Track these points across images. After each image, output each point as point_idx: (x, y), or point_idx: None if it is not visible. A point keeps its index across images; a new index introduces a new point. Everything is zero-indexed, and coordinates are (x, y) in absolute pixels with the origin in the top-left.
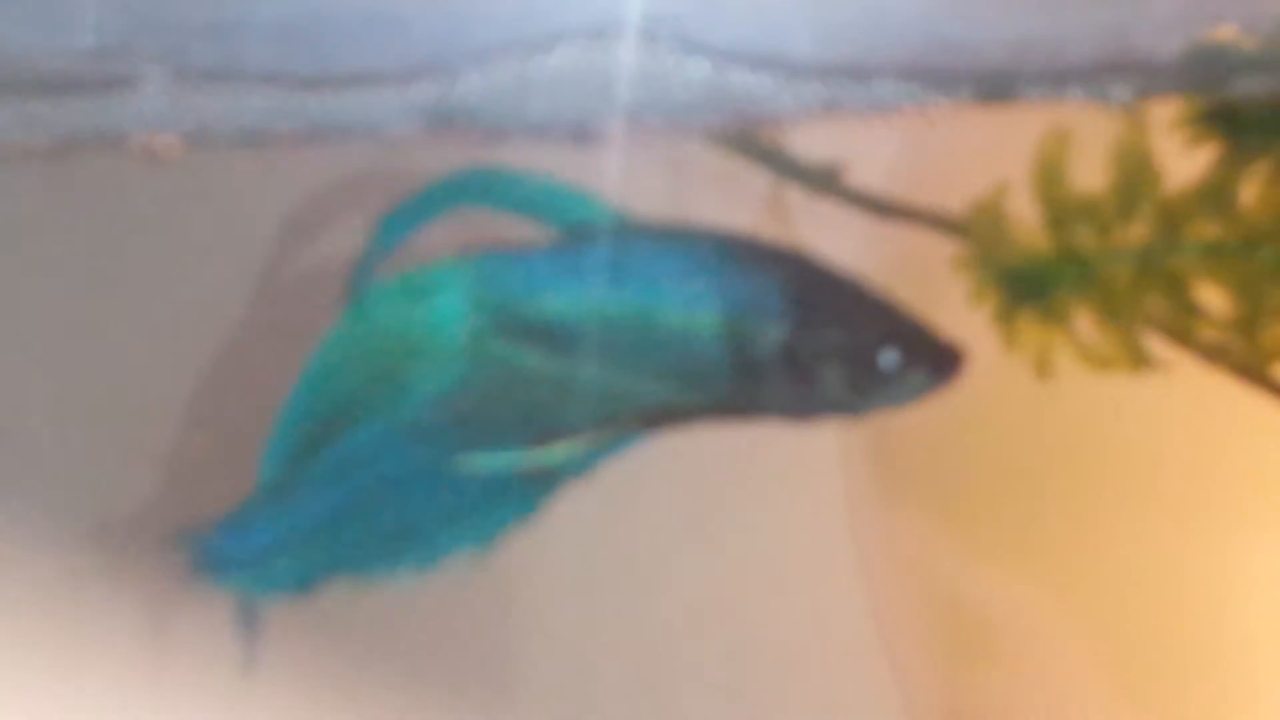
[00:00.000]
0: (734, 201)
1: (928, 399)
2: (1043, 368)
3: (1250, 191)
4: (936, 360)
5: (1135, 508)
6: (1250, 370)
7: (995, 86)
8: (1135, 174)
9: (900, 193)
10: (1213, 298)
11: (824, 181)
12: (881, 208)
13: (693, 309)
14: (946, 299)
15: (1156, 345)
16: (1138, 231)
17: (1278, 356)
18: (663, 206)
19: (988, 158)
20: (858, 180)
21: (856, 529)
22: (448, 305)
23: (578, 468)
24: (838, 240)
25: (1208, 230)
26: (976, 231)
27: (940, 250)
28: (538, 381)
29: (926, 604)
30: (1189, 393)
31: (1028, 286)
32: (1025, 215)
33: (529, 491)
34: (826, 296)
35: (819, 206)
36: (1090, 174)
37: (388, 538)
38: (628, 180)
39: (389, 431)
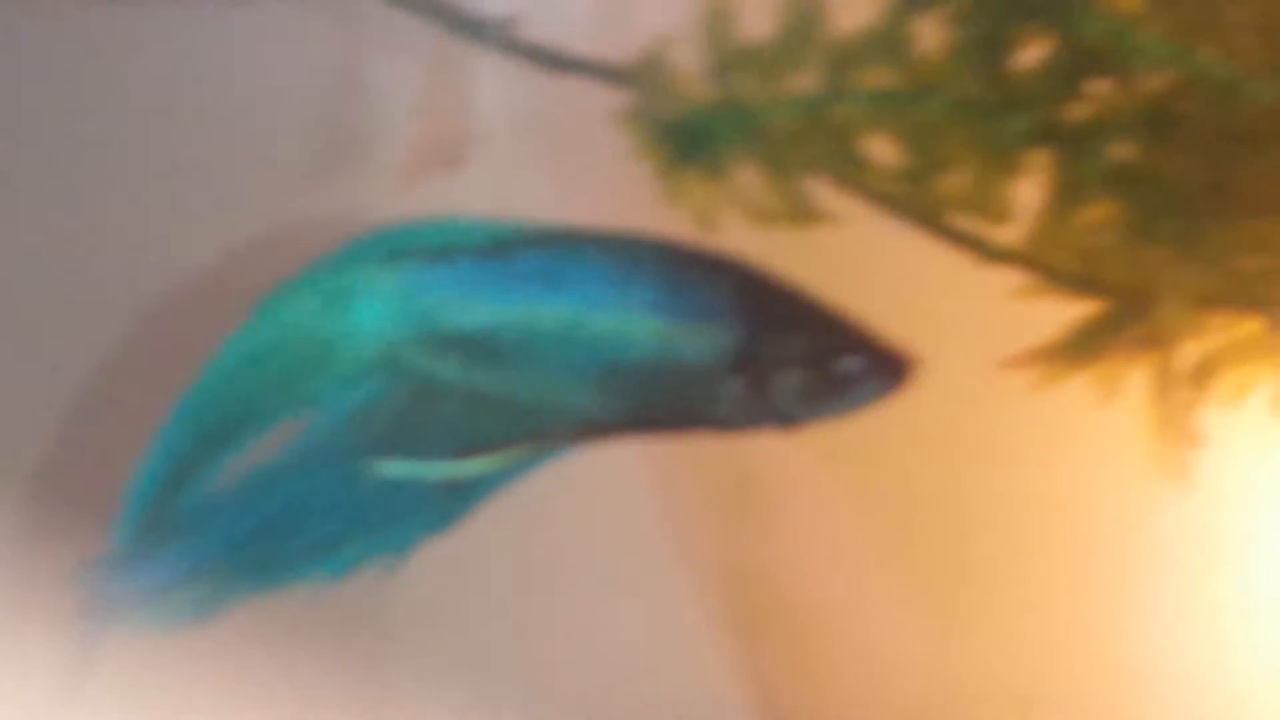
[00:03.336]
0: (404, 57)
1: (871, 407)
2: (705, 223)
3: (923, 40)
4: (890, 367)
5: None
6: (927, 218)
7: None
8: (802, 19)
9: (574, 45)
10: (885, 148)
11: (496, 35)
12: (553, 61)
13: (629, 317)
14: (616, 154)
15: (832, 198)
16: (805, 81)
17: (952, 205)
18: (333, 63)
19: (663, 7)
20: (532, 34)
21: None
22: (366, 314)
23: (496, 482)
24: (509, 95)
25: (878, 79)
26: (641, 84)
27: (612, 104)
28: (460, 396)
29: (701, 464)
30: (865, 242)
31: (690, 139)
32: (693, 66)
33: (445, 505)
34: (777, 304)
35: (491, 61)
36: (765, 24)
37: (300, 553)
38: (296, 39)
39: (302, 451)
